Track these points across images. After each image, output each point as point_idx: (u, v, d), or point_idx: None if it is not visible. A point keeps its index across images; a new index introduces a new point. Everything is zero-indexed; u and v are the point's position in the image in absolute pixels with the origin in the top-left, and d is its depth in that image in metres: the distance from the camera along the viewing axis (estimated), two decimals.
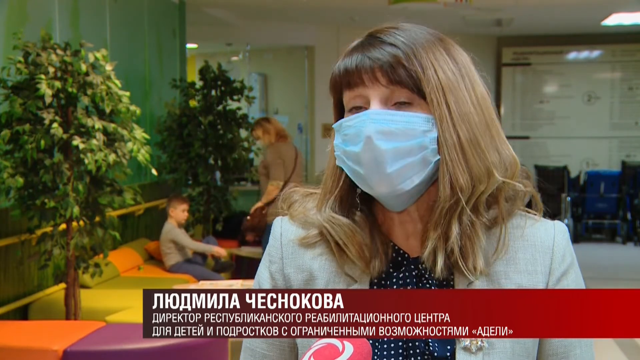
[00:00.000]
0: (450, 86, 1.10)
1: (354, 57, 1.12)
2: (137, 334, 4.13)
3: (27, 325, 4.45)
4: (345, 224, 1.15)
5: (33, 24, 4.91)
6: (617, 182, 10.66)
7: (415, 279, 1.14)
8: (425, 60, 1.10)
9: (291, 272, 1.19)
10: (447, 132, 1.09)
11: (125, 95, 4.51)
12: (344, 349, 1.03)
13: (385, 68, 1.09)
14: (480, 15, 9.09)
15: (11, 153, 4.25)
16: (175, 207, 6.37)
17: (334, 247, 1.16)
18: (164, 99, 7.28)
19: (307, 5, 8.52)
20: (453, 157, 1.09)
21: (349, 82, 1.12)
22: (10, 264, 4.76)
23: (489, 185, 1.11)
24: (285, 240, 1.21)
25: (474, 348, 1.09)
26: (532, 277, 1.14)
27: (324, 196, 1.18)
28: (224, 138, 7.04)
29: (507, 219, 1.15)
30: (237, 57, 11.63)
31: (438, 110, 1.09)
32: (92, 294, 5.28)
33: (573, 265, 1.17)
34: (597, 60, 11.33)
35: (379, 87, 1.10)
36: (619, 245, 10.46)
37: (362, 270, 1.15)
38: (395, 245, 1.17)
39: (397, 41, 1.11)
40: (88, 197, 4.45)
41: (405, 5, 7.05)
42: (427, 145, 1.09)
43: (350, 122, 1.11)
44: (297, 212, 1.22)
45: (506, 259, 1.14)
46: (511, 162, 1.15)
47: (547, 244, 1.15)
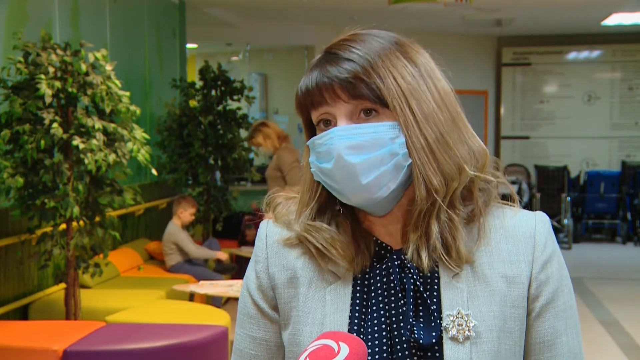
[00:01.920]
0: (411, 90, 1.11)
1: (314, 76, 1.14)
2: (137, 334, 4.13)
3: (27, 325, 4.45)
4: (324, 229, 1.18)
5: (33, 24, 4.91)
6: (617, 182, 10.66)
7: (398, 268, 1.15)
8: (383, 70, 1.11)
9: (275, 271, 1.21)
10: (414, 136, 1.10)
11: (125, 95, 4.51)
12: (340, 350, 1.03)
13: (344, 85, 1.11)
14: (480, 15, 9.09)
15: (11, 153, 4.25)
16: (186, 209, 6.37)
17: (314, 252, 1.19)
18: (164, 99, 7.28)
19: (307, 5, 8.52)
20: (424, 160, 1.11)
21: (312, 101, 1.14)
22: (10, 264, 4.76)
23: (461, 180, 1.13)
24: (270, 241, 1.24)
25: (461, 337, 1.10)
26: (515, 266, 1.15)
27: (300, 209, 1.21)
28: (224, 138, 7.03)
29: (484, 210, 1.16)
30: (237, 57, 11.63)
31: (402, 117, 1.10)
32: (92, 294, 5.28)
33: (555, 253, 1.18)
34: (597, 60, 11.33)
35: (341, 104, 1.12)
36: (619, 245, 10.46)
37: (346, 268, 1.17)
38: (377, 240, 1.19)
39: (353, 56, 1.12)
40: (88, 197, 4.45)
41: (406, 5, 7.04)
42: (397, 151, 1.11)
43: (321, 140, 1.13)
44: (280, 215, 1.25)
45: (489, 250, 1.15)
46: (480, 153, 1.17)
47: (528, 234, 1.17)
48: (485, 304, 1.13)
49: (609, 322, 6.36)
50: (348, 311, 1.16)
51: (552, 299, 1.16)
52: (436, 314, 1.12)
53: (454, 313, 1.11)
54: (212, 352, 4.19)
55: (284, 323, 1.21)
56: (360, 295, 1.17)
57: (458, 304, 1.12)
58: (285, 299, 1.20)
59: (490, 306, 1.13)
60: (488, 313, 1.12)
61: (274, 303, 1.22)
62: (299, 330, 1.18)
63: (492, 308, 1.12)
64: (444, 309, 1.12)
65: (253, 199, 9.76)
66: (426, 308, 1.13)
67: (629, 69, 11.22)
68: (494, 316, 1.12)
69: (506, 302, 1.13)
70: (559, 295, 1.16)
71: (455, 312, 1.11)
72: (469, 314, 1.11)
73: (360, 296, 1.17)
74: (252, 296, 1.23)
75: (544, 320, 1.16)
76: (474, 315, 1.12)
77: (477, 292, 1.13)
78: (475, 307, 1.12)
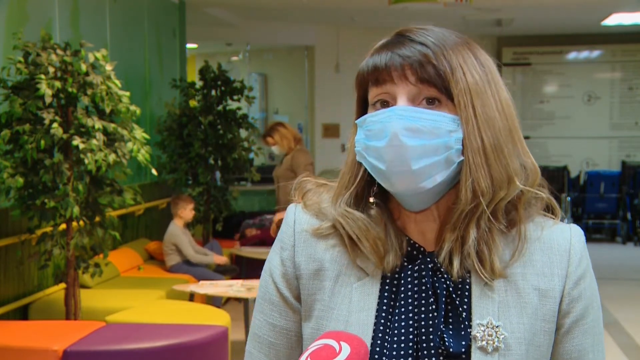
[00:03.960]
0: (478, 90, 1.10)
1: (383, 55, 1.11)
2: (137, 334, 4.13)
3: (27, 325, 4.45)
4: (360, 219, 1.15)
5: (33, 24, 4.91)
6: (617, 182, 10.66)
7: (430, 271, 1.13)
8: (454, 62, 1.10)
9: (302, 261, 1.18)
10: (472, 135, 1.09)
11: (125, 95, 4.50)
12: (341, 350, 1.03)
13: (414, 66, 1.09)
14: (480, 15, 9.09)
15: (11, 153, 4.25)
16: (185, 207, 6.38)
17: (347, 242, 1.15)
18: (164, 99, 7.28)
19: (307, 5, 8.51)
20: (477, 161, 1.09)
21: (377, 78, 1.12)
22: (10, 264, 4.76)
23: (509, 191, 1.11)
24: (298, 229, 1.20)
25: (490, 348, 1.09)
26: (549, 279, 1.13)
27: (339, 190, 1.18)
28: (224, 138, 7.03)
29: (525, 225, 1.14)
30: (237, 57, 11.63)
31: (465, 113, 1.09)
32: (92, 294, 5.28)
33: (589, 269, 1.17)
34: (597, 60, 11.33)
35: (407, 85, 1.09)
36: (619, 245, 10.46)
37: (376, 265, 1.14)
38: (410, 240, 1.16)
39: (427, 40, 1.11)
40: (88, 197, 4.44)
41: (406, 5, 7.04)
42: (452, 145, 1.09)
43: (376, 118, 1.10)
44: (311, 202, 1.21)
45: (523, 261, 1.13)
46: (532, 170, 1.15)
47: (564, 247, 1.15)
48: (516, 315, 1.11)
49: (609, 322, 6.36)
50: (374, 310, 1.13)
51: (583, 316, 1.14)
52: (466, 322, 1.10)
53: (485, 323, 1.10)
54: (212, 352, 4.19)
55: (306, 315, 1.18)
56: (389, 295, 1.14)
57: (489, 313, 1.10)
58: (310, 290, 1.17)
59: (521, 318, 1.11)
60: (518, 325, 1.10)
61: (297, 293, 1.19)
62: (322, 325, 1.15)
63: (523, 320, 1.11)
64: (475, 318, 1.10)
65: (253, 199, 9.77)
66: (456, 315, 1.11)
67: (629, 69, 11.22)
68: (524, 329, 1.10)
69: (537, 315, 1.12)
70: (589, 312, 1.15)
71: (486, 322, 1.10)
72: (500, 325, 1.10)
73: (388, 296, 1.14)
74: (276, 283, 1.20)
75: (573, 337, 1.14)
76: (504, 326, 1.10)
77: (508, 303, 1.11)
78: (506, 318, 1.10)
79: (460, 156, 1.09)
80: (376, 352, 1.11)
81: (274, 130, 6.40)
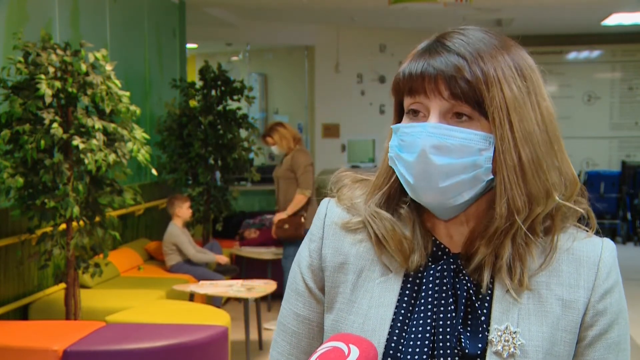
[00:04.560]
0: (515, 104, 1.07)
1: (419, 64, 1.10)
2: (137, 334, 4.13)
3: (27, 325, 4.45)
4: (387, 219, 1.16)
5: (33, 24, 4.91)
6: (617, 182, 10.66)
7: (452, 272, 1.13)
8: (492, 75, 1.07)
9: (328, 253, 1.20)
10: (508, 153, 1.07)
11: (125, 95, 4.50)
12: (350, 353, 1.03)
13: (448, 81, 1.07)
14: (480, 15, 9.09)
15: (11, 153, 4.25)
16: (181, 206, 6.38)
17: (373, 240, 1.16)
18: (164, 99, 7.28)
19: (307, 5, 8.51)
20: (512, 179, 1.07)
21: (411, 88, 1.11)
22: (10, 264, 4.76)
23: (547, 206, 1.10)
24: (328, 221, 1.22)
25: (505, 353, 1.08)
26: (573, 290, 1.12)
27: (372, 191, 1.19)
28: (224, 138, 7.03)
29: (558, 235, 1.13)
30: (237, 57, 11.62)
31: (500, 130, 1.07)
32: (92, 294, 5.28)
33: (618, 284, 1.15)
34: (597, 60, 11.33)
35: (440, 100, 1.08)
36: (619, 245, 10.45)
37: (400, 264, 1.15)
38: (436, 240, 1.17)
39: (464, 51, 1.08)
40: (88, 197, 4.45)
41: (406, 5, 7.04)
42: (482, 164, 1.08)
43: (408, 130, 1.10)
44: (344, 197, 1.22)
45: (549, 270, 1.12)
46: (571, 182, 1.14)
47: (592, 260, 1.14)
48: (536, 323, 1.10)
49: None
50: (394, 307, 1.14)
51: (607, 330, 1.12)
52: (485, 325, 1.10)
53: (502, 328, 1.09)
54: (212, 352, 4.19)
55: (329, 307, 1.19)
56: (410, 293, 1.15)
57: (508, 319, 1.10)
58: (333, 283, 1.19)
59: (541, 327, 1.10)
60: (537, 333, 1.09)
61: (322, 284, 1.20)
62: (342, 318, 1.16)
63: (543, 329, 1.10)
64: (493, 322, 1.10)
65: (253, 199, 9.76)
66: (475, 318, 1.11)
67: (629, 69, 11.22)
68: (543, 337, 1.09)
69: (558, 326, 1.10)
70: (614, 328, 1.13)
71: (504, 327, 1.09)
72: (518, 331, 1.09)
73: (409, 294, 1.15)
74: (303, 274, 1.22)
75: (595, 350, 1.12)
76: (522, 333, 1.09)
77: (529, 311, 1.10)
78: (525, 325, 1.10)
79: (490, 174, 1.08)
80: (392, 348, 1.12)
81: (273, 130, 6.38)
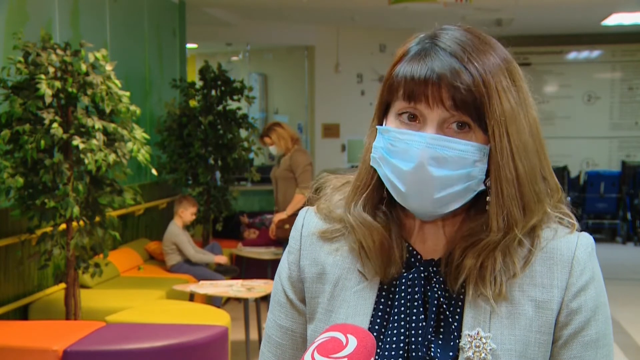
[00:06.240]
0: (513, 116, 1.06)
1: (421, 67, 1.06)
2: (137, 334, 4.13)
3: (27, 325, 4.45)
4: (375, 227, 1.13)
5: (33, 24, 4.91)
6: (617, 182, 10.66)
7: (423, 281, 1.12)
8: (493, 89, 1.05)
9: (306, 264, 1.20)
10: (507, 167, 1.05)
11: (125, 95, 4.50)
12: (348, 342, 1.03)
13: (451, 92, 1.04)
14: (480, 15, 9.09)
15: (11, 153, 4.25)
16: (187, 208, 6.38)
17: (354, 244, 1.15)
18: (164, 99, 7.28)
19: (307, 5, 8.51)
20: (510, 192, 1.06)
21: (410, 92, 1.07)
22: (10, 264, 4.76)
23: (540, 217, 1.09)
24: (305, 232, 1.21)
25: (476, 359, 1.07)
26: (547, 290, 1.09)
27: (354, 192, 1.17)
28: (224, 138, 7.03)
29: (540, 240, 1.11)
30: (237, 57, 11.62)
31: (499, 144, 1.05)
32: (92, 294, 5.28)
33: (593, 280, 1.11)
34: (597, 60, 11.33)
35: (441, 110, 1.05)
36: (619, 245, 10.46)
37: (376, 271, 1.14)
38: (409, 246, 1.15)
39: (469, 65, 1.05)
40: (88, 197, 4.45)
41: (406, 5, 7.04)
42: (476, 175, 1.07)
43: (403, 137, 1.07)
44: (322, 205, 1.21)
45: (523, 272, 1.10)
46: (554, 189, 1.13)
47: (566, 257, 1.11)
48: (507, 327, 1.08)
49: None
50: (369, 316, 1.13)
51: (583, 328, 1.09)
52: (456, 332, 1.09)
53: (473, 334, 1.08)
54: (212, 352, 4.19)
55: (310, 317, 1.19)
56: (385, 301, 1.14)
57: (479, 324, 1.08)
58: (313, 293, 1.18)
59: (513, 330, 1.08)
60: (509, 337, 1.07)
61: (302, 295, 1.20)
62: (321, 328, 1.15)
63: (515, 332, 1.08)
64: (464, 328, 1.08)
65: (253, 199, 9.76)
66: (447, 325, 1.10)
67: (629, 69, 11.22)
68: (515, 340, 1.07)
69: (531, 327, 1.08)
70: (591, 325, 1.10)
71: (474, 333, 1.07)
72: (489, 336, 1.07)
73: (384, 302, 1.14)
74: (283, 286, 1.22)
75: (570, 350, 1.10)
76: (494, 337, 1.07)
77: (501, 314, 1.08)
78: (496, 329, 1.08)
79: (482, 185, 1.07)
80: None
81: (271, 131, 6.38)
